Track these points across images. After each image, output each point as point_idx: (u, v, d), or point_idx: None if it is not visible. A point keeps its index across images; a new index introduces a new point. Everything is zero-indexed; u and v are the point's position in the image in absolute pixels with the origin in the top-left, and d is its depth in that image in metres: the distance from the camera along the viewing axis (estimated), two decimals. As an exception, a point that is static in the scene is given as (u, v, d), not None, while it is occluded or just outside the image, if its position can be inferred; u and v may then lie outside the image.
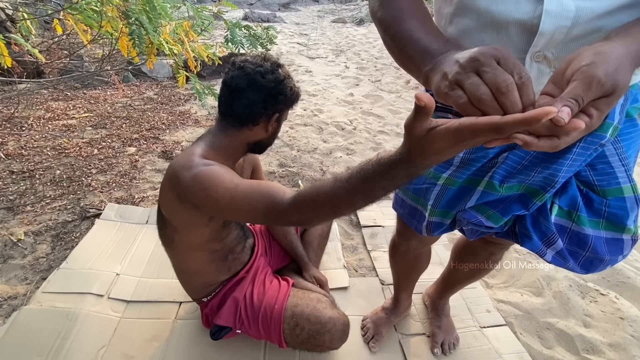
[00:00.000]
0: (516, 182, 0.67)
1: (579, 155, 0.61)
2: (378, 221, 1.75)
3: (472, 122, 0.34)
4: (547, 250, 0.69)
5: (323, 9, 10.01)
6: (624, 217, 0.64)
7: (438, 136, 0.37)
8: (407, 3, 0.57)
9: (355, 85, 4.03)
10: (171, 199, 0.81)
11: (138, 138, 2.49)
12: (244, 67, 0.82)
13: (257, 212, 0.68)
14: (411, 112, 0.38)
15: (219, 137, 0.86)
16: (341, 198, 0.55)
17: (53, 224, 1.64)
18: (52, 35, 3.79)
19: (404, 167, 0.44)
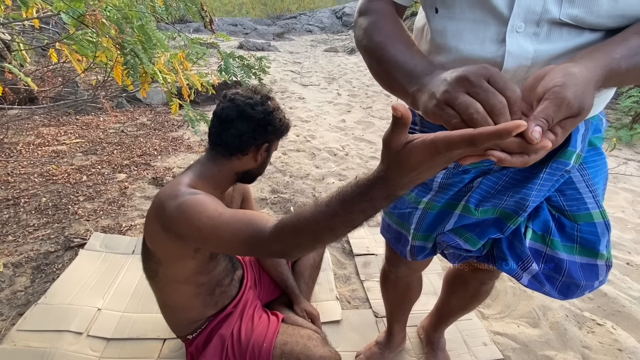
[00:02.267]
0: (490, 206, 0.70)
1: (546, 181, 0.64)
2: (371, 249, 1.72)
3: (447, 135, 0.34)
4: (523, 274, 0.71)
5: (316, 39, 10.40)
6: (595, 242, 0.66)
7: (414, 149, 0.38)
8: (391, 30, 0.61)
9: (347, 112, 4.11)
10: (156, 229, 0.79)
11: (129, 164, 2.47)
12: (234, 99, 0.84)
13: (240, 242, 0.66)
14: (389, 126, 0.38)
15: (207, 166, 0.86)
16: (321, 223, 0.53)
17: (34, 255, 1.57)
18: (47, 63, 3.84)
19: (382, 187, 0.43)
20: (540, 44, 0.53)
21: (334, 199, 0.51)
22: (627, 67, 0.46)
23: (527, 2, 0.52)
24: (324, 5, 17.80)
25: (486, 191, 0.70)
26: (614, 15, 0.50)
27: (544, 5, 0.51)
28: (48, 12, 1.98)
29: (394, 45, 0.58)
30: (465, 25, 0.57)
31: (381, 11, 0.64)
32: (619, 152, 3.28)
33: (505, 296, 1.52)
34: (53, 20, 2.54)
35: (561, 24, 0.52)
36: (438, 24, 0.61)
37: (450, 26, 0.59)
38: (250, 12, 16.21)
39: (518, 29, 0.53)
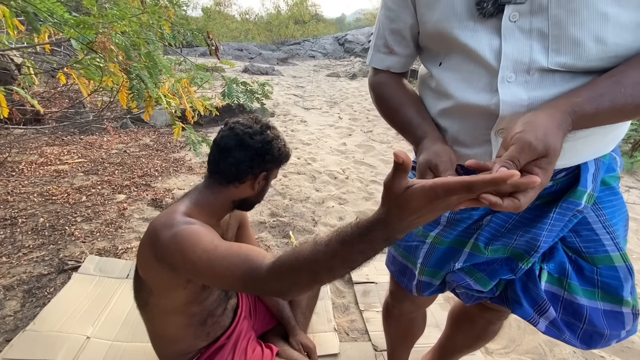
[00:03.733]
0: (500, 245, 0.68)
1: (556, 221, 0.63)
2: (371, 277, 1.68)
3: (446, 181, 0.38)
4: (539, 319, 0.67)
5: (319, 64, 10.70)
6: (618, 287, 0.62)
7: (414, 194, 0.40)
8: (393, 97, 0.75)
9: (348, 135, 4.15)
10: (149, 258, 0.77)
11: (129, 185, 2.47)
12: (234, 128, 0.85)
13: (235, 278, 0.65)
14: (390, 170, 0.41)
15: (204, 194, 0.86)
16: (320, 263, 0.53)
17: (27, 278, 1.54)
18: (55, 84, 3.93)
19: (382, 229, 0.44)
20: (533, 90, 0.55)
21: (333, 239, 0.51)
22: (593, 108, 0.48)
23: (513, 54, 0.55)
24: (327, 32, 18.48)
25: (496, 229, 0.68)
26: (606, 58, 0.51)
27: (530, 56, 0.54)
28: (60, 37, 2.05)
29: (398, 112, 0.72)
30: (463, 75, 0.62)
31: (385, 82, 0.77)
32: (620, 181, 3.27)
33: (510, 330, 1.47)
34: (64, 44, 2.63)
35: (553, 71, 0.54)
36: (440, 75, 0.66)
37: (450, 77, 0.64)
38: (256, 38, 16.82)
39: (509, 79, 0.56)
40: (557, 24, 0.52)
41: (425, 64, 0.72)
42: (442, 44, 0.65)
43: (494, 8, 0.55)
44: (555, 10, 0.51)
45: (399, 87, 0.75)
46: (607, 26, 0.49)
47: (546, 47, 0.53)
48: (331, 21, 24.47)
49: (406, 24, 0.70)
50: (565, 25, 0.51)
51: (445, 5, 0.61)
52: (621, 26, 0.50)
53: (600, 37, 0.50)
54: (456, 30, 0.60)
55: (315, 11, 21.05)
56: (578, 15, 0.50)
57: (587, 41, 0.50)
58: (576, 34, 0.51)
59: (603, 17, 0.49)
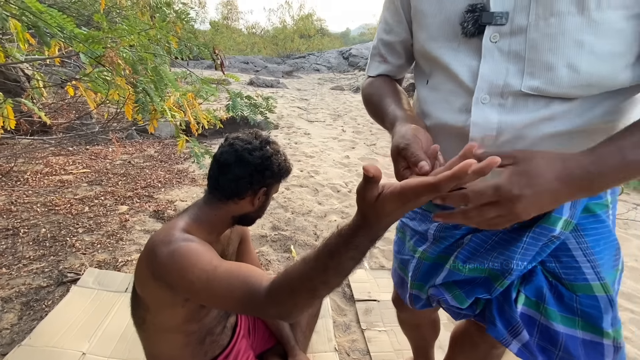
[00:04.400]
0: (478, 265, 0.70)
1: (530, 245, 0.63)
2: (373, 294, 1.65)
3: (412, 184, 0.40)
4: (512, 340, 0.67)
5: (323, 77, 10.84)
6: (598, 318, 0.61)
7: (386, 199, 0.42)
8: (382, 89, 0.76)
9: (351, 148, 4.16)
10: (146, 275, 0.76)
11: (132, 196, 2.48)
12: (233, 144, 0.85)
13: (234, 300, 0.64)
14: (361, 180, 0.43)
15: (204, 209, 0.85)
16: (314, 279, 0.55)
17: (26, 290, 1.53)
18: (64, 95, 4.00)
19: (364, 233, 0.47)
20: (506, 114, 0.56)
21: (321, 253, 0.53)
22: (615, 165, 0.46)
23: (489, 76, 0.56)
24: (332, 46, 18.80)
25: (474, 249, 0.69)
26: (579, 86, 0.51)
27: (505, 79, 0.55)
28: (69, 50, 2.09)
29: (379, 104, 0.73)
30: (443, 95, 0.64)
31: (374, 81, 0.80)
32: (627, 197, 3.23)
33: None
34: (73, 57, 2.69)
35: (526, 95, 0.54)
36: (424, 93, 0.69)
37: (432, 96, 0.66)
38: (262, 51, 17.14)
39: (483, 100, 0.57)
40: (534, 47, 0.52)
41: (416, 82, 0.74)
42: (429, 62, 0.66)
43: (474, 28, 0.56)
44: (533, 34, 0.52)
45: (385, 84, 0.77)
46: (582, 54, 0.50)
47: (522, 70, 0.54)
48: (336, 35, 24.93)
49: (399, 38, 0.74)
50: (541, 49, 0.52)
51: (433, 25, 0.63)
52: (596, 55, 0.50)
53: (574, 65, 0.50)
54: (440, 49, 0.62)
55: (320, 26, 21.47)
56: (554, 41, 0.51)
57: (561, 67, 0.51)
58: (550, 59, 0.51)
59: (578, 44, 0.49)
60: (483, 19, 0.55)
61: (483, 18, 0.55)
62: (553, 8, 0.50)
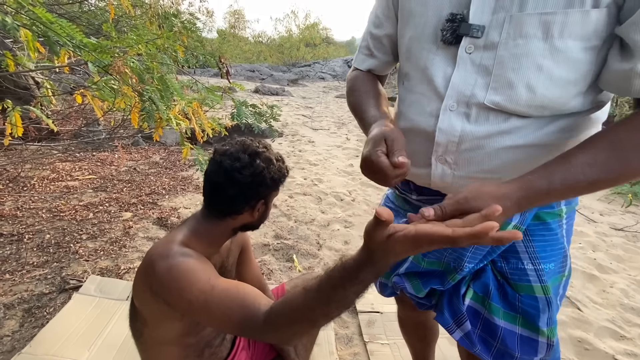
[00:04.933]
0: (435, 259, 0.75)
1: (480, 246, 0.67)
2: (376, 306, 1.62)
3: (429, 233, 0.40)
4: (456, 329, 0.73)
5: (328, 85, 10.92)
6: (535, 316, 0.66)
7: (397, 242, 0.42)
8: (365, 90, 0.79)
9: (355, 157, 4.16)
10: (144, 289, 0.75)
11: (136, 203, 2.49)
12: (221, 163, 0.81)
13: (232, 323, 0.64)
14: (371, 220, 0.43)
15: (202, 223, 0.84)
16: (316, 311, 0.54)
17: (28, 296, 1.53)
18: (73, 101, 4.07)
19: (370, 270, 0.47)
20: (469, 124, 0.60)
21: (323, 285, 0.53)
22: (544, 185, 0.49)
23: (459, 85, 0.59)
24: (338, 54, 18.97)
25: None
26: (534, 106, 0.55)
27: (472, 90, 0.58)
28: (78, 58, 2.13)
29: (359, 102, 0.77)
30: (417, 98, 0.67)
31: (358, 76, 0.83)
32: (636, 209, 3.17)
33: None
34: (82, 66, 2.74)
35: (488, 109, 0.58)
36: (401, 94, 0.73)
37: (408, 97, 0.70)
38: (268, 59, 17.34)
39: (451, 107, 0.60)
40: (501, 64, 0.55)
41: (397, 80, 0.77)
42: (409, 62, 0.69)
43: (452, 37, 0.59)
44: (502, 51, 0.55)
45: (368, 82, 0.81)
46: (539, 77, 0.53)
47: (487, 84, 0.57)
48: (341, 44, 25.16)
49: (386, 33, 0.76)
50: (506, 67, 0.55)
51: (417, 25, 0.65)
52: (551, 80, 0.53)
53: (531, 86, 0.54)
54: (421, 51, 0.64)
55: (326, 34, 21.71)
56: (518, 61, 0.54)
57: (520, 87, 0.54)
58: (512, 78, 0.55)
59: (538, 68, 0.53)
60: (461, 29, 0.57)
61: (461, 29, 0.57)
62: (522, 30, 0.53)
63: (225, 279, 0.74)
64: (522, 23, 0.52)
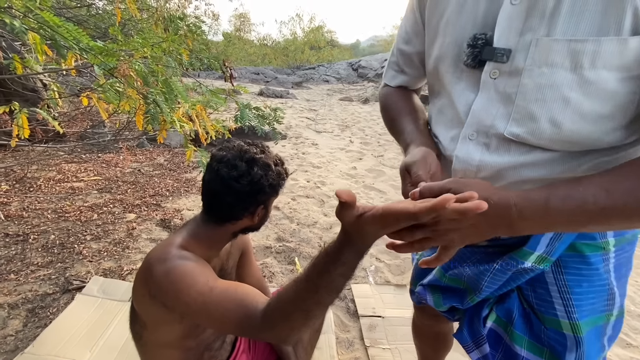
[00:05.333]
0: (455, 276, 0.73)
1: (499, 272, 0.63)
2: (377, 310, 1.61)
3: (393, 210, 0.41)
4: (474, 349, 0.71)
5: (332, 88, 10.94)
6: (561, 353, 0.61)
7: (367, 222, 0.44)
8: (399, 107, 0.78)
9: (358, 159, 4.15)
10: (143, 293, 0.76)
11: (140, 204, 2.51)
12: (218, 171, 0.80)
13: (231, 324, 0.65)
14: (338, 204, 0.45)
15: (202, 227, 0.84)
16: (307, 300, 0.56)
17: (32, 296, 1.55)
18: (79, 105, 4.12)
19: (350, 249, 0.48)
20: (488, 155, 0.56)
21: (310, 273, 0.54)
22: (542, 198, 0.45)
23: (479, 113, 0.56)
24: (342, 57, 19.01)
25: (457, 260, 0.71)
26: (560, 141, 0.50)
27: (492, 120, 0.55)
28: (85, 61, 2.16)
29: (395, 120, 0.76)
30: (442, 119, 0.65)
31: (390, 93, 0.82)
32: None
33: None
34: (89, 68, 2.77)
35: (509, 140, 0.54)
36: (432, 112, 0.70)
37: (437, 117, 0.67)
38: (272, 62, 17.43)
39: (470, 136, 0.58)
40: (524, 94, 0.51)
41: (429, 96, 0.74)
42: (437, 80, 0.66)
43: (474, 62, 0.54)
44: (526, 79, 0.50)
45: (402, 98, 0.79)
46: (566, 111, 0.48)
47: (509, 114, 0.53)
48: (346, 47, 25.23)
49: (416, 49, 0.72)
50: (529, 97, 0.50)
51: (442, 46, 0.61)
52: (581, 115, 0.47)
53: (556, 121, 0.49)
54: (447, 73, 0.61)
55: (330, 37, 21.79)
56: (541, 92, 0.49)
57: (543, 120, 0.50)
58: (535, 110, 0.50)
59: (564, 101, 0.47)
60: (484, 54, 0.53)
61: (484, 54, 0.53)
62: (548, 57, 0.47)
63: (224, 281, 0.74)
64: (549, 49, 0.47)
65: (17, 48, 2.97)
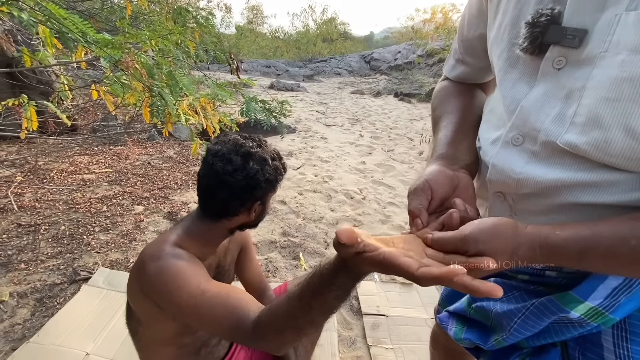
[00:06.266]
0: (482, 309, 0.62)
1: (534, 316, 0.51)
2: (381, 309, 1.58)
3: (396, 264, 0.37)
4: None
5: (344, 81, 10.81)
6: None
7: (365, 262, 0.40)
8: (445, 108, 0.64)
9: (368, 154, 4.09)
10: (136, 290, 0.75)
11: (148, 197, 2.53)
12: (213, 165, 0.77)
13: (222, 330, 0.64)
14: (335, 237, 0.41)
15: (197, 224, 0.82)
16: (299, 319, 0.54)
17: (41, 286, 1.58)
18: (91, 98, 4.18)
19: (346, 275, 0.45)
20: (535, 166, 0.44)
21: (304, 292, 0.52)
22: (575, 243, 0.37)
23: (529, 113, 0.44)
24: (355, 50, 18.76)
25: None
26: (636, 159, 0.37)
27: (545, 123, 0.42)
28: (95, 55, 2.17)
29: (436, 122, 0.64)
30: (491, 119, 0.54)
31: (444, 88, 0.70)
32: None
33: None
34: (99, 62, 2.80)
35: (564, 151, 0.41)
36: (485, 109, 0.60)
37: (486, 114, 0.57)
38: (284, 55, 17.34)
39: (515, 140, 0.46)
40: (593, 90, 0.38)
41: None
42: (495, 67, 0.54)
43: (533, 46, 0.43)
44: (597, 70, 0.37)
45: (456, 94, 0.66)
46: None
47: (569, 116, 0.40)
48: (359, 39, 24.87)
49: (478, 32, 0.61)
50: (599, 95, 0.37)
51: (500, 26, 0.50)
52: None
53: (633, 130, 0.35)
54: (499, 60, 0.51)
55: (344, 29, 21.49)
56: (619, 89, 0.36)
57: (614, 129, 0.37)
58: (604, 114, 0.37)
59: None
60: (547, 36, 0.41)
61: (548, 35, 0.41)
62: (634, 41, 0.34)
63: (217, 283, 0.72)
64: (637, 29, 0.34)
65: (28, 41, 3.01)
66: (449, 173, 0.50)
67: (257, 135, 0.88)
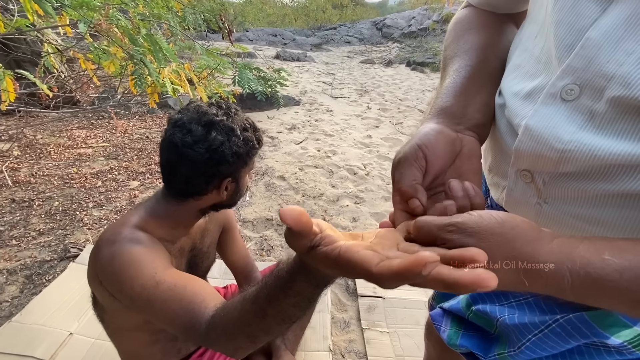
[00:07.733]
0: (485, 315, 0.50)
1: (557, 335, 0.40)
2: (378, 290, 1.51)
3: (351, 260, 0.27)
4: None
5: (353, 50, 10.32)
6: None
7: (320, 259, 0.30)
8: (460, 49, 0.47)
9: (374, 127, 3.91)
10: (93, 276, 0.68)
11: (144, 172, 2.47)
12: (171, 138, 0.67)
13: (176, 327, 0.57)
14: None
15: (162, 204, 0.73)
16: (252, 326, 0.47)
17: (30, 263, 1.55)
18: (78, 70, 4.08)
19: (304, 279, 0.36)
20: (592, 132, 0.30)
21: (259, 295, 0.44)
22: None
23: (597, 50, 0.29)
24: (367, 16, 17.78)
25: (488, 294, 0.51)
26: None
27: (623, 65, 0.27)
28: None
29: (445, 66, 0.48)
30: (524, 61, 0.39)
31: (460, 20, 0.52)
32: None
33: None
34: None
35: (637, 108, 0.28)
36: (511, 49, 0.45)
37: (513, 56, 0.42)
38: (292, 23, 16.61)
39: (567, 94, 0.31)
40: None
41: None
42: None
43: None
44: None
45: (474, 30, 0.48)
46: None
47: None
48: (372, 5, 23.52)
49: None
50: None
51: None
52: None
53: None
54: None
55: (355, -5, 20.29)
56: None
57: None
58: None
59: None
60: None
61: None
62: None
63: (176, 273, 0.64)
64: None
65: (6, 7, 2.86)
66: (451, 135, 0.37)
67: (229, 103, 0.77)
